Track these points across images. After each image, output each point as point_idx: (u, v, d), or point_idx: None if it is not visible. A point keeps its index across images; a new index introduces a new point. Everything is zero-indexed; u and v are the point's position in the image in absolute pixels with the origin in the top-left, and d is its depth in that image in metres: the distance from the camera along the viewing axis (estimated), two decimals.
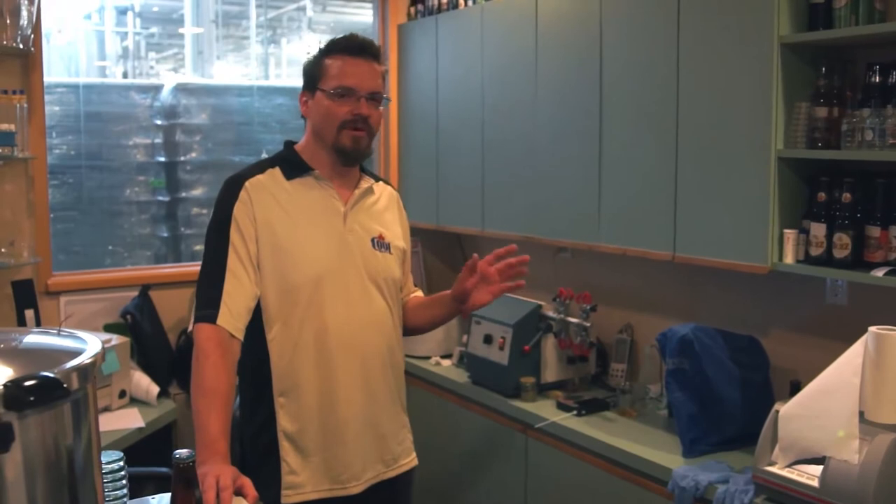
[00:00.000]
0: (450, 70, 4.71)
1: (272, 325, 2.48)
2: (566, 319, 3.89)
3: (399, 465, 2.69)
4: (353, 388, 2.54)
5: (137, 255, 5.03)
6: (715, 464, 3.10)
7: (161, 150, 5.06)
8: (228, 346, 2.38)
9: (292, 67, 5.71)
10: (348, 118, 2.51)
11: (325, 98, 2.52)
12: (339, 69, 2.52)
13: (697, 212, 3.35)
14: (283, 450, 2.49)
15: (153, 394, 4.12)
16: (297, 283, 2.48)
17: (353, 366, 2.54)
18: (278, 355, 2.49)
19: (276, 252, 2.47)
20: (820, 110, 3.00)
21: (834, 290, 3.30)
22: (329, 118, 2.52)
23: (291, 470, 2.49)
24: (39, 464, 1.40)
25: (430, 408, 4.37)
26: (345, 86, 2.51)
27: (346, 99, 2.51)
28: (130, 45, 5.67)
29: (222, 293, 2.39)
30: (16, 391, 1.32)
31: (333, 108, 2.51)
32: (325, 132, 2.55)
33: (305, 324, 2.49)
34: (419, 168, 5.03)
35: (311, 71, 2.59)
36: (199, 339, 2.38)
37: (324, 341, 2.50)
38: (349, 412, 2.53)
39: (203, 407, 2.30)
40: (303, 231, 2.51)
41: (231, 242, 2.44)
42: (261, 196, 2.50)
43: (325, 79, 2.53)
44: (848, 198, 2.95)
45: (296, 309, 2.48)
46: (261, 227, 2.47)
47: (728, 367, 3.30)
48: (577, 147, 3.87)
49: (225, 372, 2.35)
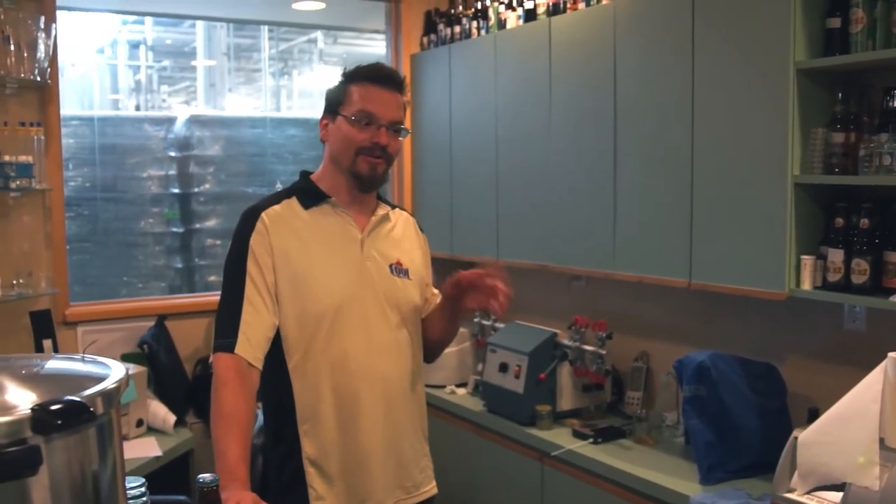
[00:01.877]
0: (463, 99, 4.73)
1: (293, 355, 2.47)
2: (582, 347, 3.89)
3: (420, 493, 2.68)
4: (374, 415, 2.53)
5: (152, 287, 5.05)
6: (733, 491, 3.08)
7: (175, 181, 5.09)
8: (247, 375, 2.38)
9: (304, 99, 5.75)
10: (366, 145, 2.50)
11: (345, 123, 2.51)
12: (362, 96, 2.51)
13: (713, 239, 3.34)
14: (310, 476, 2.48)
15: (170, 423, 4.12)
16: (317, 312, 2.47)
17: (375, 393, 2.53)
18: (300, 384, 2.48)
19: (294, 282, 2.47)
20: (837, 136, 3.00)
21: (852, 316, 3.30)
22: (347, 143, 2.51)
23: (319, 496, 2.48)
24: (66, 487, 1.40)
25: (446, 436, 4.36)
26: (366, 111, 2.50)
27: (366, 126, 2.50)
28: (143, 79, 5.72)
29: (240, 322, 2.39)
30: (43, 415, 1.32)
31: (352, 133, 2.50)
32: (342, 157, 2.54)
33: (326, 352, 2.48)
34: (433, 197, 5.04)
35: (334, 96, 2.57)
36: (218, 368, 2.38)
37: (345, 369, 2.49)
38: (372, 439, 2.52)
39: (222, 433, 2.30)
40: (321, 260, 2.51)
41: (248, 273, 2.44)
42: (278, 226, 2.50)
43: (348, 104, 2.52)
44: (866, 223, 2.94)
45: (316, 337, 2.47)
46: (278, 257, 2.47)
47: (745, 394, 3.29)
48: (591, 174, 3.88)
49: (244, 399, 2.35)
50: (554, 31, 4.08)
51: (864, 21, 2.91)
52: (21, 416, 1.32)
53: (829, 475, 2.67)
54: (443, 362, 4.63)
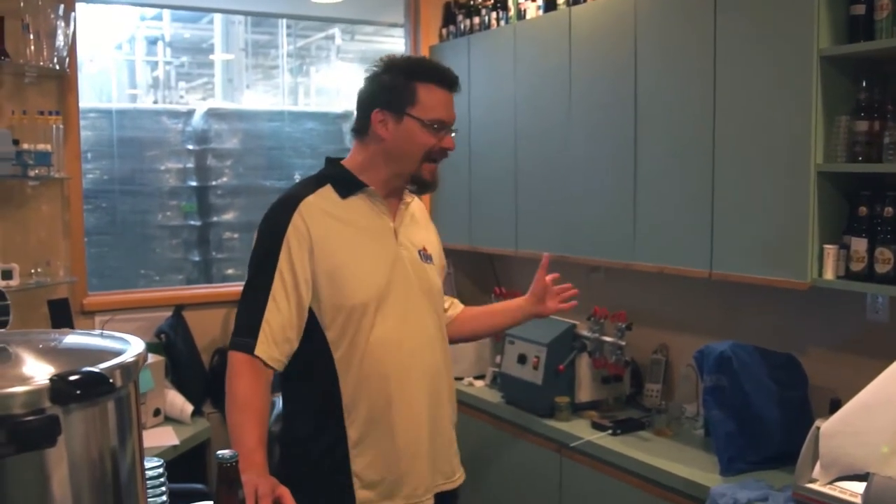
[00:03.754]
0: (482, 90, 4.71)
1: (339, 346, 2.44)
2: (601, 338, 3.86)
3: (456, 478, 2.70)
4: (420, 402, 2.52)
5: (169, 280, 5.05)
6: (754, 482, 3.05)
7: (192, 174, 5.08)
8: (260, 370, 2.37)
9: (321, 97, 5.73)
10: (435, 150, 2.50)
11: (417, 127, 2.47)
12: (436, 101, 2.49)
13: (735, 228, 3.32)
14: (356, 465, 2.46)
15: (187, 412, 4.12)
16: (361, 303, 2.43)
17: (419, 380, 2.52)
18: (347, 375, 2.45)
19: (334, 273, 2.43)
20: (861, 124, 2.97)
21: (874, 306, 3.27)
22: (416, 147, 2.48)
23: (364, 485, 2.47)
24: (84, 462, 1.39)
25: (464, 428, 4.29)
26: (442, 120, 2.49)
27: (437, 132, 2.49)
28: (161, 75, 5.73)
29: (262, 322, 2.36)
30: (62, 385, 1.31)
31: (424, 138, 2.47)
32: (405, 159, 2.50)
33: (372, 343, 2.45)
34: (452, 189, 5.02)
35: (395, 92, 2.48)
36: (233, 361, 2.37)
37: (390, 358, 2.47)
38: (418, 426, 2.52)
39: (237, 421, 2.30)
40: (360, 250, 2.48)
41: (279, 268, 2.40)
42: (316, 217, 2.45)
43: (419, 107, 2.47)
44: (890, 212, 2.91)
45: (361, 328, 2.44)
46: (317, 249, 2.42)
47: (766, 384, 3.26)
48: (611, 165, 3.86)
49: (258, 389, 2.34)
50: (574, 20, 4.05)
51: (889, 7, 2.88)
52: (40, 385, 1.31)
53: (852, 465, 2.64)
54: (461, 354, 4.62)
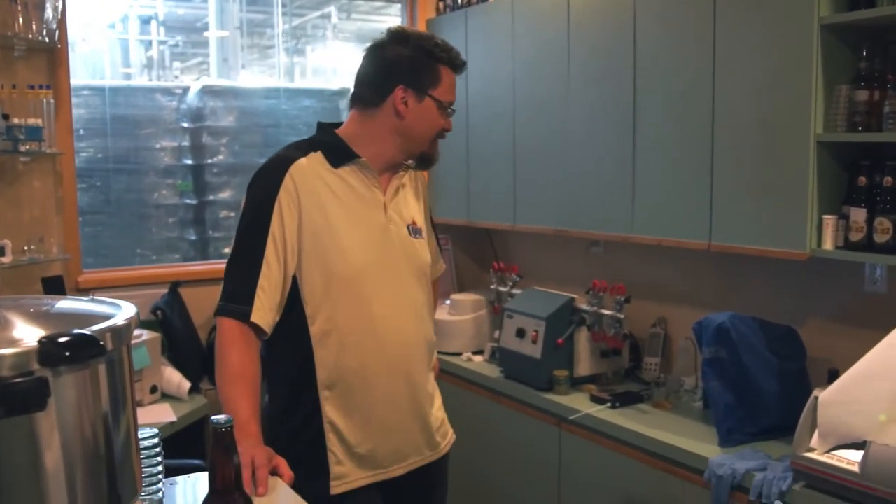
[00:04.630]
0: (480, 64, 4.68)
1: (316, 317, 2.41)
2: (599, 312, 3.85)
3: (441, 449, 2.68)
4: (398, 378, 2.50)
5: (165, 259, 5.03)
6: (752, 452, 3.05)
7: (188, 152, 5.05)
8: (252, 337, 2.34)
9: (318, 76, 5.69)
10: (445, 130, 2.57)
11: (435, 108, 2.50)
12: (452, 84, 2.55)
13: (734, 199, 3.29)
14: (330, 441, 2.44)
15: (185, 389, 4.11)
16: (344, 274, 2.41)
17: (400, 357, 2.50)
18: (324, 347, 2.42)
19: (321, 241, 2.40)
20: (861, 93, 2.95)
21: (873, 277, 3.25)
22: (431, 127, 2.53)
23: (339, 460, 2.44)
24: (75, 426, 1.37)
25: (463, 403, 4.33)
26: (453, 103, 2.57)
27: (449, 114, 2.57)
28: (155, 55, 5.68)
29: (256, 287, 2.33)
30: (51, 347, 1.29)
31: (440, 119, 2.53)
32: (420, 137, 2.52)
33: (352, 317, 2.43)
34: (449, 163, 4.98)
35: (420, 71, 2.48)
36: (223, 329, 2.34)
37: (370, 332, 2.45)
38: (395, 402, 2.50)
39: (230, 393, 2.27)
40: (348, 222, 2.45)
41: (271, 232, 2.36)
42: (308, 181, 2.42)
43: (441, 89, 2.50)
44: (889, 181, 2.90)
45: (341, 300, 2.41)
46: (305, 214, 2.39)
47: (765, 356, 3.25)
48: (610, 137, 3.83)
49: (250, 359, 2.32)
50: None
51: None
52: (28, 347, 1.29)
53: (850, 434, 2.64)
54: (459, 330, 4.62)
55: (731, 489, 2.92)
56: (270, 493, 2.03)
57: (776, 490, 2.76)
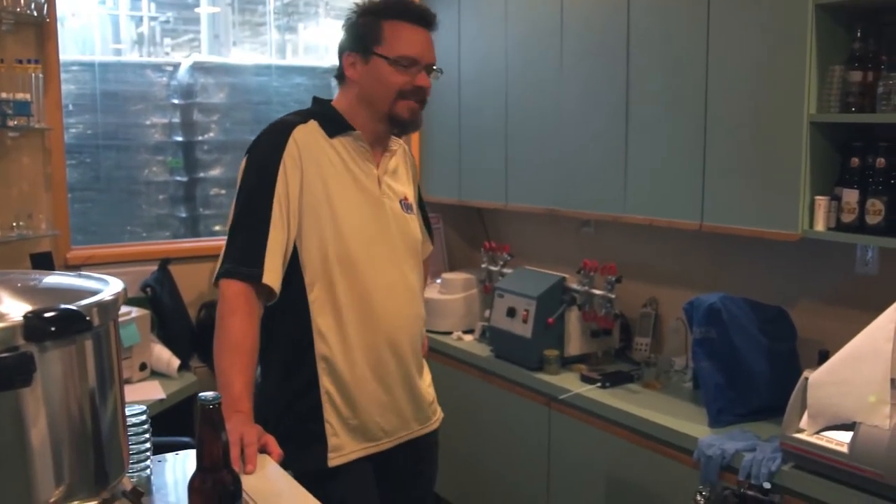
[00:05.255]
0: (472, 41, 4.66)
1: (314, 285, 2.41)
2: (590, 291, 3.84)
3: (430, 424, 2.69)
4: (388, 352, 2.50)
5: (156, 236, 5.00)
6: (741, 433, 3.05)
7: (178, 129, 5.02)
8: (255, 304, 2.32)
9: (310, 54, 5.66)
10: (407, 88, 2.44)
11: (385, 65, 2.43)
12: (403, 37, 2.43)
13: (726, 179, 3.29)
14: (327, 412, 2.44)
15: (174, 366, 4.09)
16: (341, 244, 2.41)
17: (390, 330, 2.50)
18: (321, 316, 2.42)
19: (320, 208, 2.40)
20: (854, 74, 2.93)
21: (864, 259, 3.25)
22: (387, 86, 2.44)
23: (335, 432, 2.45)
24: (61, 402, 1.37)
25: (453, 383, 4.33)
26: (409, 56, 2.43)
27: (408, 69, 2.44)
28: (145, 31, 5.64)
29: (266, 248, 2.31)
30: (36, 322, 1.28)
31: (393, 76, 2.43)
32: (378, 100, 2.46)
33: (345, 286, 2.42)
34: (441, 142, 4.98)
35: (363, 32, 2.46)
36: (227, 294, 2.30)
37: (362, 303, 2.45)
38: (385, 375, 2.50)
39: (227, 365, 2.24)
40: (346, 191, 2.44)
41: (277, 194, 2.35)
42: (308, 147, 2.41)
43: (386, 45, 2.43)
44: (882, 163, 2.89)
45: (336, 269, 2.41)
46: (307, 180, 2.38)
47: (755, 337, 3.25)
48: (603, 117, 3.82)
49: (251, 329, 2.29)
50: None
51: None
52: (13, 322, 1.28)
53: (840, 415, 2.64)
54: (449, 309, 4.61)
55: (721, 469, 2.92)
56: (259, 470, 2.02)
57: (765, 470, 2.77)
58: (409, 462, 2.64)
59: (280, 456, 2.09)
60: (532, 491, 3.90)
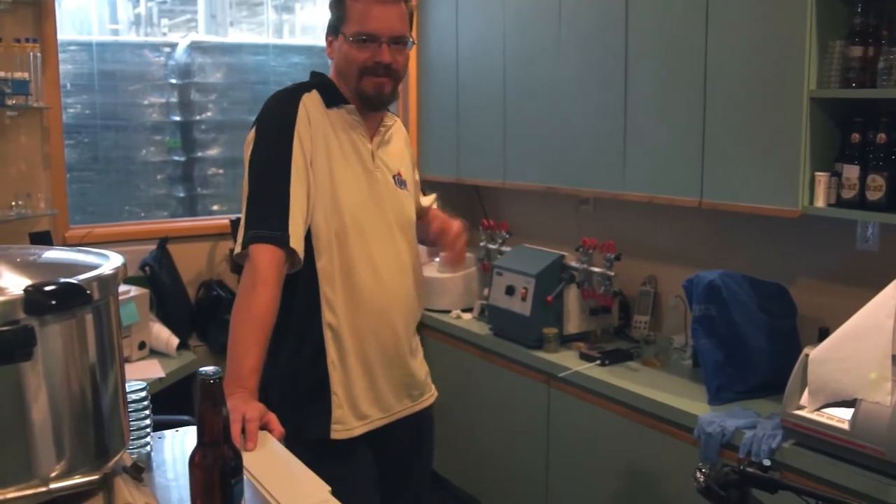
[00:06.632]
0: (470, 18, 4.64)
1: (321, 255, 2.40)
2: (589, 269, 3.83)
3: (424, 399, 2.70)
4: (383, 326, 2.50)
5: (154, 216, 5.00)
6: (741, 410, 3.05)
7: (176, 109, 5.01)
8: (282, 276, 2.29)
9: (307, 35, 5.64)
10: (368, 65, 2.42)
11: (345, 43, 2.43)
12: (362, 13, 2.40)
13: (726, 156, 3.27)
14: (334, 382, 2.45)
15: (173, 345, 4.09)
16: (345, 215, 2.41)
17: (382, 305, 2.50)
18: (329, 286, 2.42)
19: (323, 178, 2.40)
20: (855, 49, 2.92)
21: (864, 235, 3.24)
22: (349, 64, 2.44)
23: (339, 403, 2.45)
24: (61, 376, 1.36)
25: (452, 361, 4.33)
26: (366, 31, 2.40)
27: (367, 45, 2.41)
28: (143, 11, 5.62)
29: (289, 213, 2.28)
30: (37, 295, 1.27)
31: (353, 53, 2.42)
32: (347, 77, 2.47)
33: (353, 257, 2.43)
34: (439, 119, 4.96)
35: (333, 13, 2.48)
36: (260, 263, 2.25)
37: (358, 275, 2.45)
38: (388, 347, 2.52)
39: (244, 336, 2.19)
40: (343, 166, 2.45)
41: (294, 157, 2.34)
42: (316, 113, 2.43)
43: (347, 23, 2.42)
44: (883, 138, 2.88)
45: (340, 241, 2.42)
46: (315, 148, 2.39)
47: (755, 314, 3.24)
48: (601, 93, 3.80)
49: (275, 303, 2.25)
50: None
51: None
52: (13, 296, 1.27)
53: (840, 391, 2.64)
54: (448, 287, 4.61)
55: (721, 447, 2.93)
56: (260, 448, 2.01)
57: (766, 448, 2.77)
58: (407, 440, 2.65)
59: (282, 434, 2.08)
60: (531, 469, 3.90)
